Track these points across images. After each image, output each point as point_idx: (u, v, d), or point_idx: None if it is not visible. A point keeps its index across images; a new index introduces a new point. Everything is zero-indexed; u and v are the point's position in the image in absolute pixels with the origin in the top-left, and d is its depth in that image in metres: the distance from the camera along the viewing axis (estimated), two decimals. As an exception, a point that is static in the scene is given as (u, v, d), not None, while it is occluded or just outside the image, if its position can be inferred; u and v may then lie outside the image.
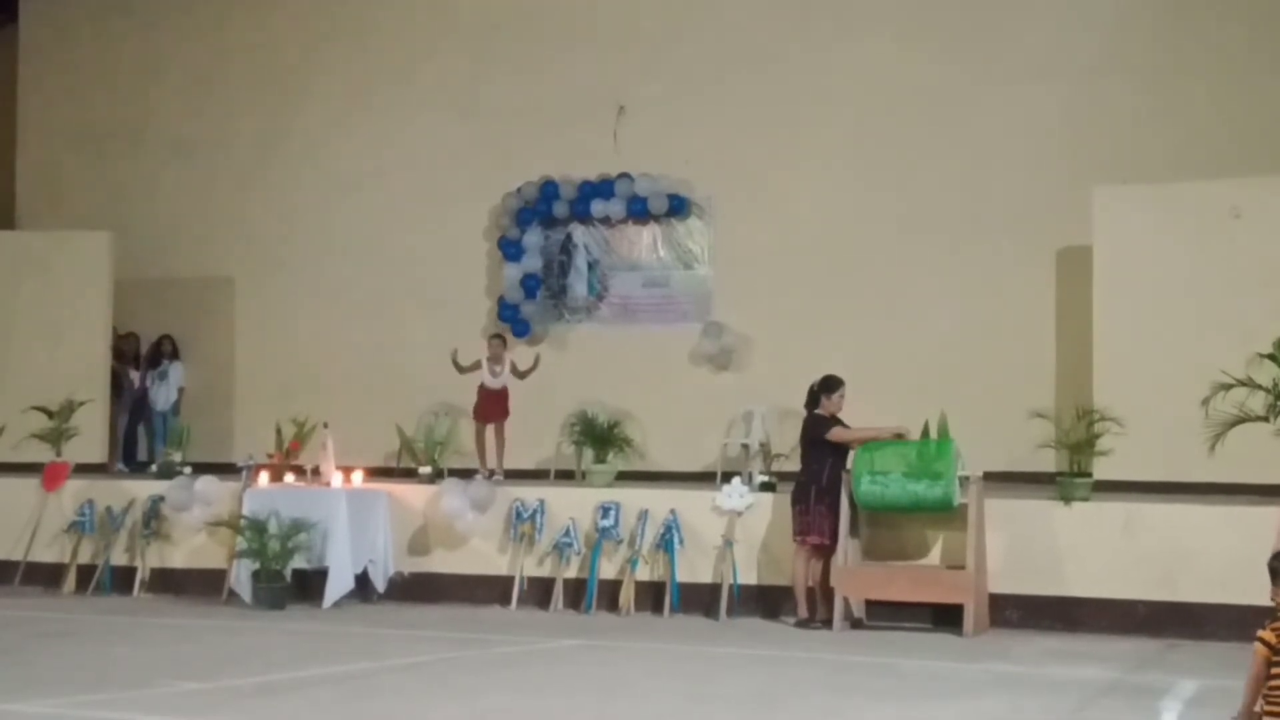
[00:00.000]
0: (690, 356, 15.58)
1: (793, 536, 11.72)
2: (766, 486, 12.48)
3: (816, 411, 11.84)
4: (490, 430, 14.51)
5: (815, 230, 15.30)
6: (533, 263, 16.23)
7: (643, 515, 12.47)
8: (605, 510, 12.56)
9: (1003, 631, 11.31)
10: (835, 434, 11.70)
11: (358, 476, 13.42)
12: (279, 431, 14.02)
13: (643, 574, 12.42)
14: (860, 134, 15.26)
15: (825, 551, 11.63)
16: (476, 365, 14.53)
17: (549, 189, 16.16)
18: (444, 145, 16.67)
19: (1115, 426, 11.87)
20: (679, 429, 15.15)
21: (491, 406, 14.55)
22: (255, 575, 12.65)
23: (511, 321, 16.05)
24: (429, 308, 16.32)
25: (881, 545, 11.88)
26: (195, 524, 13.46)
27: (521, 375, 14.53)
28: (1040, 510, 11.63)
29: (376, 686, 9.09)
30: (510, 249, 16.28)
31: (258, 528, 12.66)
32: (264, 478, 13.39)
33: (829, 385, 11.87)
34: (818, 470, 11.67)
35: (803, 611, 11.62)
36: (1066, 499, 11.53)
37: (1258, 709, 5.60)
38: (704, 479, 13.66)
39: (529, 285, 16.17)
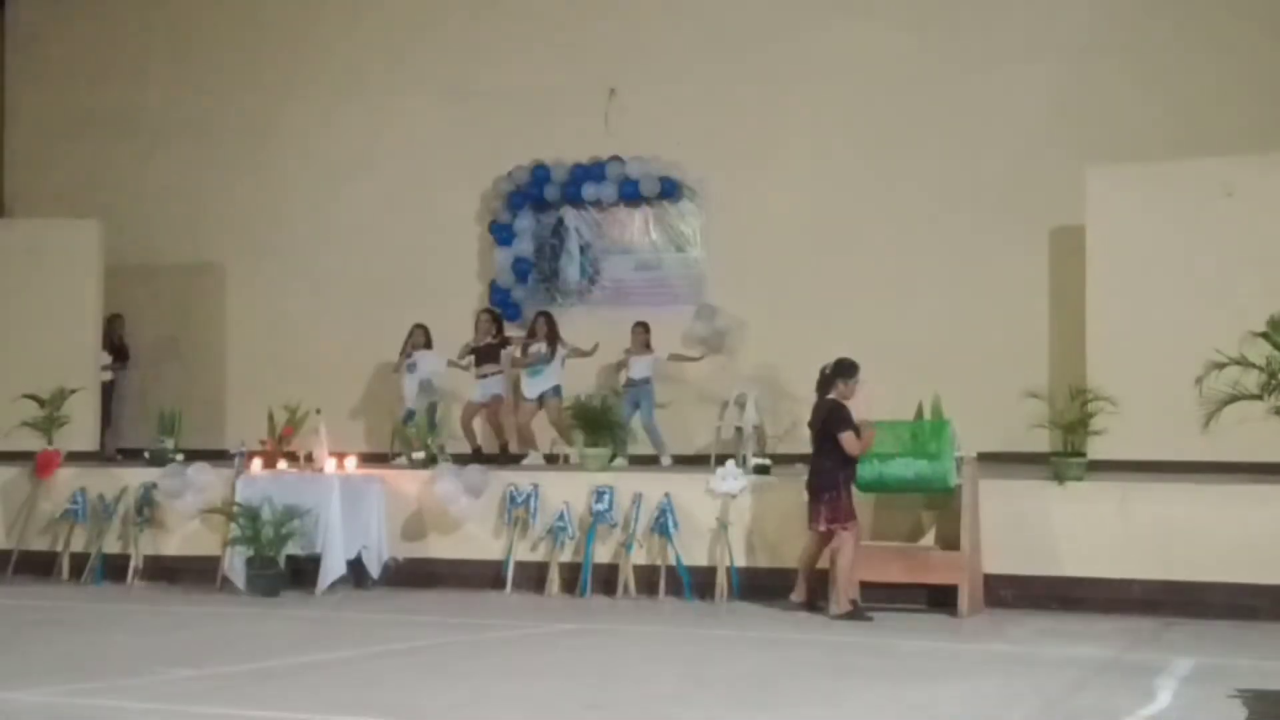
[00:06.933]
0: (683, 339, 15.54)
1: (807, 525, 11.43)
2: (760, 469, 12.46)
3: (833, 398, 11.20)
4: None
5: (807, 212, 15.28)
6: (524, 247, 16.20)
7: (637, 499, 12.44)
8: (599, 494, 12.52)
9: (998, 612, 11.30)
10: (848, 445, 11.06)
11: (351, 462, 13.39)
12: (271, 418, 13.94)
13: (638, 558, 12.40)
14: (852, 115, 15.23)
15: (829, 538, 11.42)
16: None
17: (540, 172, 16.11)
18: (435, 130, 16.62)
19: (1109, 406, 11.87)
20: (672, 412, 15.12)
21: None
22: (249, 562, 12.62)
23: (503, 305, 16.01)
24: (420, 292, 16.25)
25: (877, 527, 11.85)
26: (188, 511, 13.40)
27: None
28: (1034, 490, 11.63)
29: (371, 672, 9.06)
30: (502, 233, 16.24)
31: (251, 515, 12.63)
32: (257, 464, 13.33)
33: (847, 370, 11.22)
34: (829, 464, 11.23)
35: (801, 594, 11.56)
36: (1061, 479, 11.53)
37: None
38: (698, 462, 13.63)
39: (521, 269, 16.13)
